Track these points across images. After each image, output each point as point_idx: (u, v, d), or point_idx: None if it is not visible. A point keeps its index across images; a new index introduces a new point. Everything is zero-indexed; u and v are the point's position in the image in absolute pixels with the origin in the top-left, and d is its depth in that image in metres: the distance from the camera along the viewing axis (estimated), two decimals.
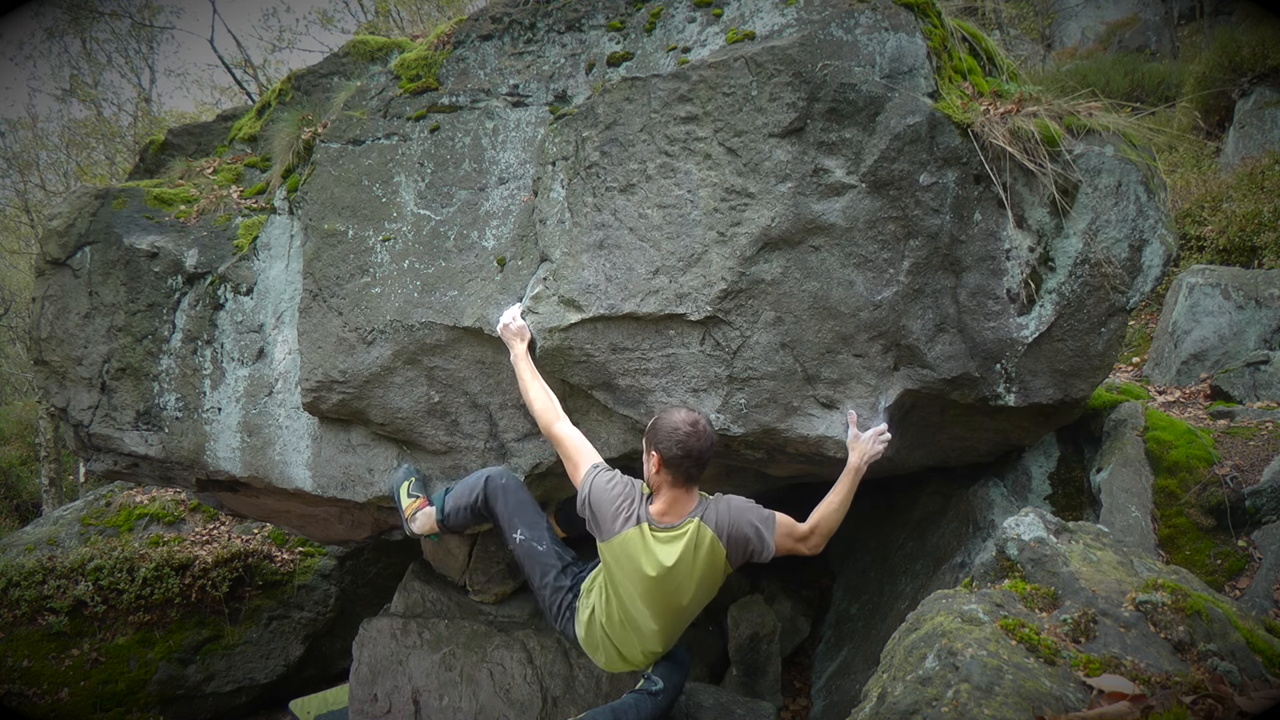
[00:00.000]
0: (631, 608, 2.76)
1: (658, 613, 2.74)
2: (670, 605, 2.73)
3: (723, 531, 2.67)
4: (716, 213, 2.84)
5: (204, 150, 4.21)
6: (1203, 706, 1.43)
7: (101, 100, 14.56)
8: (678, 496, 2.69)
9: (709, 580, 2.74)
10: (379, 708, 3.91)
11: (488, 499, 3.05)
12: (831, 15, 2.78)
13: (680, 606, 2.75)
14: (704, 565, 2.68)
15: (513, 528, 3.03)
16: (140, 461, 3.76)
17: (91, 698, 5.08)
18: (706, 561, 2.68)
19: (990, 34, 5.24)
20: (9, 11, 11.07)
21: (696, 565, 2.67)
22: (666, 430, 2.63)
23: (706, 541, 2.66)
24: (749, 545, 2.70)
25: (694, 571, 2.68)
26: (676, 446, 2.60)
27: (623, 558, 2.70)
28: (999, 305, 2.92)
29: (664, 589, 2.69)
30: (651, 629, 2.78)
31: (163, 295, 3.64)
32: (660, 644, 2.86)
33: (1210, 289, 5.26)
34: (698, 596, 2.76)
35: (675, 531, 2.67)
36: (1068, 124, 2.92)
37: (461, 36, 3.27)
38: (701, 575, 2.70)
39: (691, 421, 2.62)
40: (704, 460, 2.63)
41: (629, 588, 2.73)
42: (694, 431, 2.61)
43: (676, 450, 2.60)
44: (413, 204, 3.23)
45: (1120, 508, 3.24)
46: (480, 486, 3.06)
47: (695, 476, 2.67)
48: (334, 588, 5.70)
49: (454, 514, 3.12)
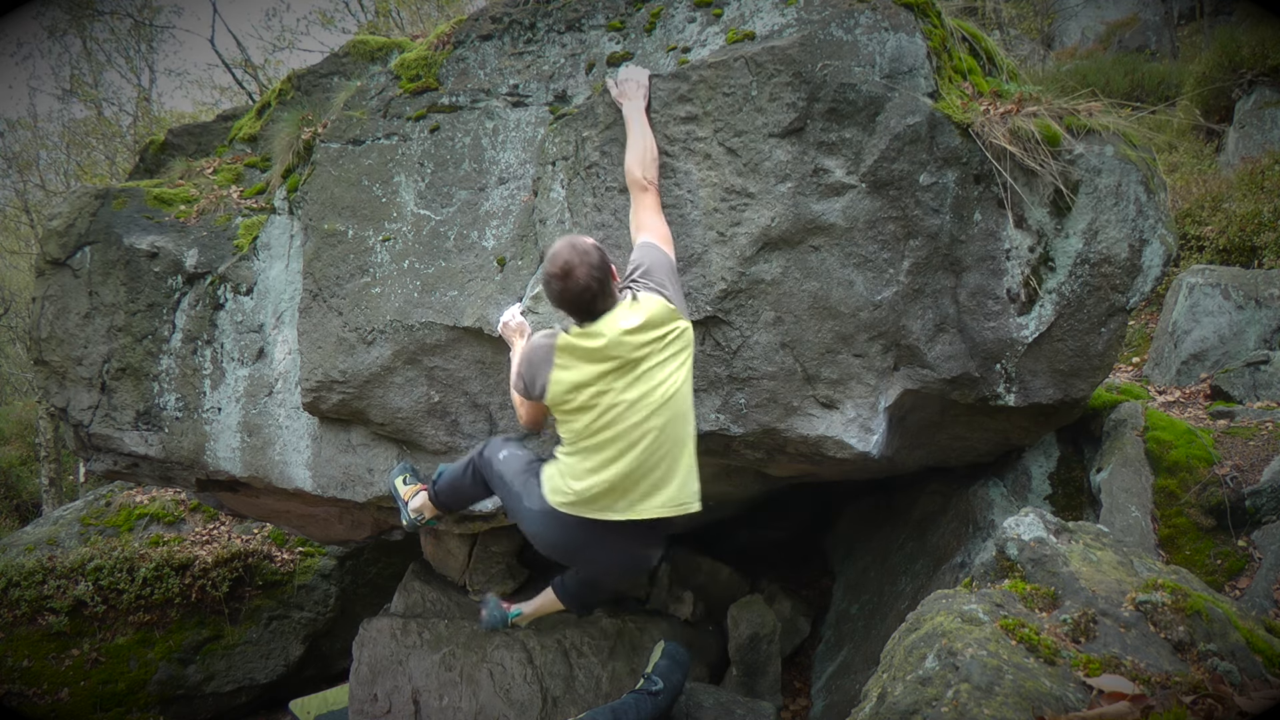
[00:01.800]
0: (614, 414, 2.51)
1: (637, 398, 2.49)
2: (640, 377, 2.49)
3: (649, 288, 2.50)
4: (716, 213, 2.84)
5: (204, 150, 4.21)
6: (1203, 706, 1.43)
7: (101, 100, 14.55)
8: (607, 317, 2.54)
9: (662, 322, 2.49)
10: (379, 708, 3.91)
11: (480, 470, 2.96)
12: (831, 15, 2.78)
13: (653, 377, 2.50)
14: (651, 320, 2.47)
15: (508, 492, 2.88)
16: (140, 461, 3.76)
17: (91, 698, 5.08)
18: (652, 318, 2.47)
19: (990, 34, 5.24)
20: (9, 11, 11.07)
21: (644, 326, 2.46)
22: (544, 276, 2.50)
23: (642, 307, 2.48)
24: (670, 277, 2.55)
25: (643, 330, 2.46)
26: (554, 298, 2.49)
27: (560, 377, 2.54)
28: (999, 305, 2.92)
29: (620, 361, 2.48)
30: (647, 426, 2.51)
31: (163, 295, 3.64)
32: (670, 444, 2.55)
33: (1210, 289, 5.26)
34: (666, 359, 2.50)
35: (598, 320, 2.50)
36: (1068, 124, 2.92)
37: (461, 36, 3.27)
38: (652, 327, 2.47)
39: (561, 263, 2.44)
40: (584, 300, 2.46)
41: (590, 383, 2.51)
42: (562, 275, 2.43)
43: (555, 300, 2.50)
44: (413, 204, 3.23)
45: (1120, 508, 3.24)
46: (469, 462, 3.00)
47: (597, 311, 2.49)
48: (334, 588, 5.70)
49: (444, 488, 3.05)
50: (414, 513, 3.22)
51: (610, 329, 2.49)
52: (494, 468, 2.90)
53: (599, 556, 2.80)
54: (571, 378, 2.54)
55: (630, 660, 3.91)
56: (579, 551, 2.79)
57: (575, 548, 2.77)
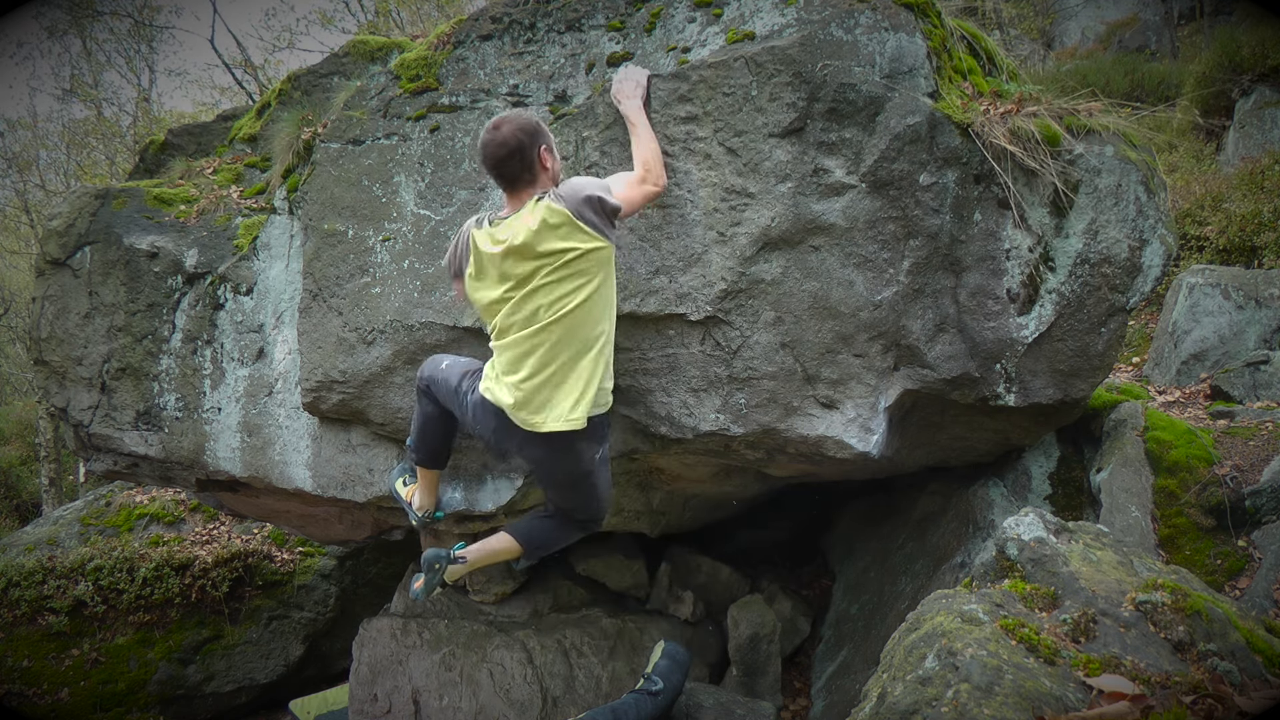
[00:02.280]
0: (512, 321, 2.60)
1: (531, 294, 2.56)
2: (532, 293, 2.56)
3: (560, 198, 2.53)
4: (716, 213, 2.84)
5: (204, 150, 4.21)
6: (1203, 706, 1.43)
7: (101, 100, 14.55)
8: (512, 199, 2.63)
9: (561, 238, 2.51)
10: (379, 708, 3.91)
11: (430, 392, 2.97)
12: (831, 15, 2.78)
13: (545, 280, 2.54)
14: (548, 228, 2.51)
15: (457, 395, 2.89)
16: (140, 461, 3.76)
17: (91, 698, 5.08)
18: (548, 224, 2.50)
19: (990, 34, 5.24)
20: (9, 11, 11.07)
21: (541, 231, 2.51)
22: (479, 149, 2.63)
23: (542, 208, 2.52)
24: (592, 198, 2.53)
25: (539, 239, 2.51)
26: (480, 152, 2.61)
27: (476, 269, 2.64)
28: (999, 305, 2.92)
29: (518, 262, 2.54)
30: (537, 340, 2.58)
31: (163, 295, 3.64)
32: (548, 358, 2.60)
33: (1210, 289, 5.26)
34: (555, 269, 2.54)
35: (510, 217, 2.59)
36: (1068, 124, 2.92)
37: (461, 36, 3.27)
38: (550, 236, 2.51)
39: (495, 120, 2.61)
40: (500, 155, 2.55)
41: (493, 290, 2.61)
42: (486, 143, 2.58)
43: (480, 156, 2.62)
44: (413, 204, 3.23)
45: (1120, 508, 3.24)
46: (418, 397, 3.02)
47: (515, 181, 2.59)
48: (334, 588, 5.70)
49: (415, 441, 3.05)
50: (419, 510, 3.22)
51: (510, 232, 2.55)
52: (438, 380, 2.92)
53: (527, 452, 2.81)
54: (477, 281, 2.67)
55: (630, 660, 3.91)
56: (512, 444, 2.80)
57: (507, 441, 2.79)
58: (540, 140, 2.61)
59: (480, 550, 3.07)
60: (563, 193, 2.54)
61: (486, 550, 3.07)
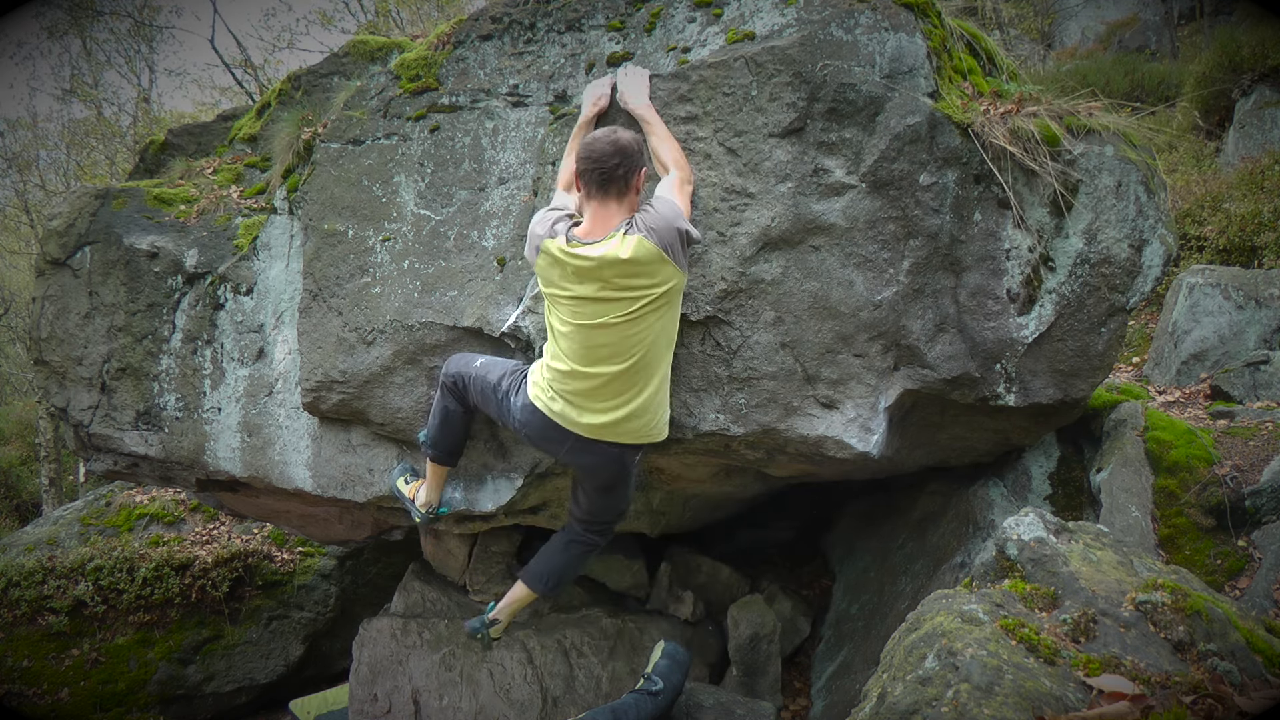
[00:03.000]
0: (576, 337, 2.60)
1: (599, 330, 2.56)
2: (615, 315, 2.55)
3: (652, 231, 2.52)
4: (716, 213, 2.84)
5: (204, 150, 4.21)
6: (1203, 706, 1.43)
7: (101, 100, 14.55)
8: (597, 212, 2.60)
9: (649, 275, 2.53)
10: (379, 708, 3.91)
11: (456, 387, 2.97)
12: (831, 15, 2.78)
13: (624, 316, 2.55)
14: (638, 264, 2.50)
15: (495, 394, 2.90)
16: (140, 461, 3.76)
17: (91, 698, 5.08)
18: (638, 261, 2.50)
19: (990, 34, 5.24)
20: (9, 11, 11.06)
21: (630, 264, 2.50)
22: (581, 147, 2.63)
23: (633, 242, 2.50)
24: (681, 232, 2.56)
25: (625, 272, 2.51)
26: (583, 152, 2.59)
27: (546, 270, 2.63)
28: (999, 305, 2.92)
29: (600, 288, 2.53)
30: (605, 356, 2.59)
31: (163, 295, 3.64)
32: (625, 384, 2.63)
33: (1210, 289, 5.26)
34: (641, 306, 2.55)
35: (596, 243, 2.55)
36: (1068, 124, 2.92)
37: (461, 36, 3.27)
38: (634, 273, 2.52)
39: (605, 132, 2.61)
40: (604, 164, 2.54)
41: (563, 309, 2.62)
42: (599, 139, 2.58)
43: (582, 156, 2.60)
44: (413, 204, 3.23)
45: (1120, 508, 3.24)
46: (440, 392, 3.02)
47: (607, 187, 2.57)
48: (334, 588, 5.70)
49: (436, 434, 3.05)
50: (423, 506, 3.22)
51: (598, 253, 2.53)
52: (473, 378, 2.92)
53: (578, 459, 2.84)
54: (552, 276, 2.64)
55: (630, 660, 3.91)
56: (561, 449, 2.82)
57: (556, 446, 2.81)
58: (643, 162, 2.65)
59: (508, 606, 3.26)
60: (653, 225, 2.53)
61: (512, 602, 3.27)
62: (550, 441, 2.81)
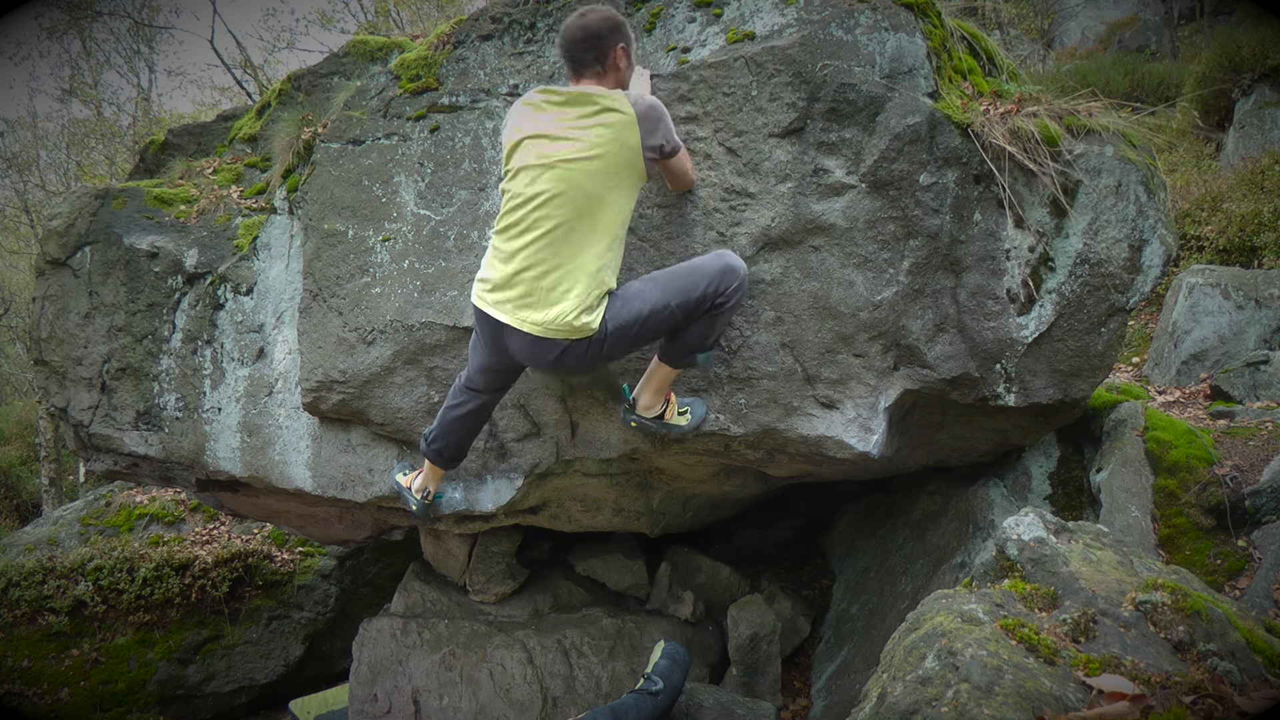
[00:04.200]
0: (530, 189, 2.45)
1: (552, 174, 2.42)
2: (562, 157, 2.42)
3: (639, 100, 2.46)
4: (716, 213, 2.84)
5: (204, 150, 4.21)
6: (1203, 706, 1.43)
7: (101, 100, 14.56)
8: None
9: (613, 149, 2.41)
10: (379, 708, 3.91)
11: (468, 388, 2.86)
12: (831, 15, 2.78)
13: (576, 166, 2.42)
14: (607, 129, 2.41)
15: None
16: (140, 461, 3.76)
17: (91, 698, 5.08)
18: (611, 126, 2.41)
19: (990, 34, 5.24)
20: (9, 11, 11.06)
21: (596, 108, 2.41)
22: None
23: (615, 95, 2.44)
24: (657, 122, 2.48)
25: (592, 113, 2.41)
26: (559, 43, 2.57)
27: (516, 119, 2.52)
28: (999, 305, 2.92)
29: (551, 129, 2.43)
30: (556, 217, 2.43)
31: (163, 295, 3.64)
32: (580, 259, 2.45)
33: (1210, 289, 5.26)
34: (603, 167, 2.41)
35: (575, 90, 2.47)
36: (1068, 124, 2.92)
37: (461, 37, 3.27)
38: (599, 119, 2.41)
39: (575, 15, 2.56)
40: (573, 49, 2.52)
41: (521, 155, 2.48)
42: (569, 23, 2.55)
43: (559, 46, 2.57)
44: (413, 204, 3.23)
45: (1120, 508, 3.24)
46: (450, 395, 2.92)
47: (580, 70, 2.54)
48: (334, 588, 5.70)
49: (436, 434, 2.95)
50: (418, 492, 3.18)
51: (574, 88, 2.49)
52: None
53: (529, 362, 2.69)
54: (520, 122, 2.53)
55: (630, 660, 3.91)
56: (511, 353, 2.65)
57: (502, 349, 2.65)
58: (620, 38, 2.55)
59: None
60: (640, 98, 2.47)
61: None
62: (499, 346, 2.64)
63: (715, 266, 2.58)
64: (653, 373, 2.79)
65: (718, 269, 2.57)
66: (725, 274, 2.57)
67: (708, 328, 2.62)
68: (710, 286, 2.55)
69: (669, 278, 2.58)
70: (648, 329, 2.57)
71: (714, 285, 2.55)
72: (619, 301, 2.54)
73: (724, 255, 2.62)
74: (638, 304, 2.54)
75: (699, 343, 2.65)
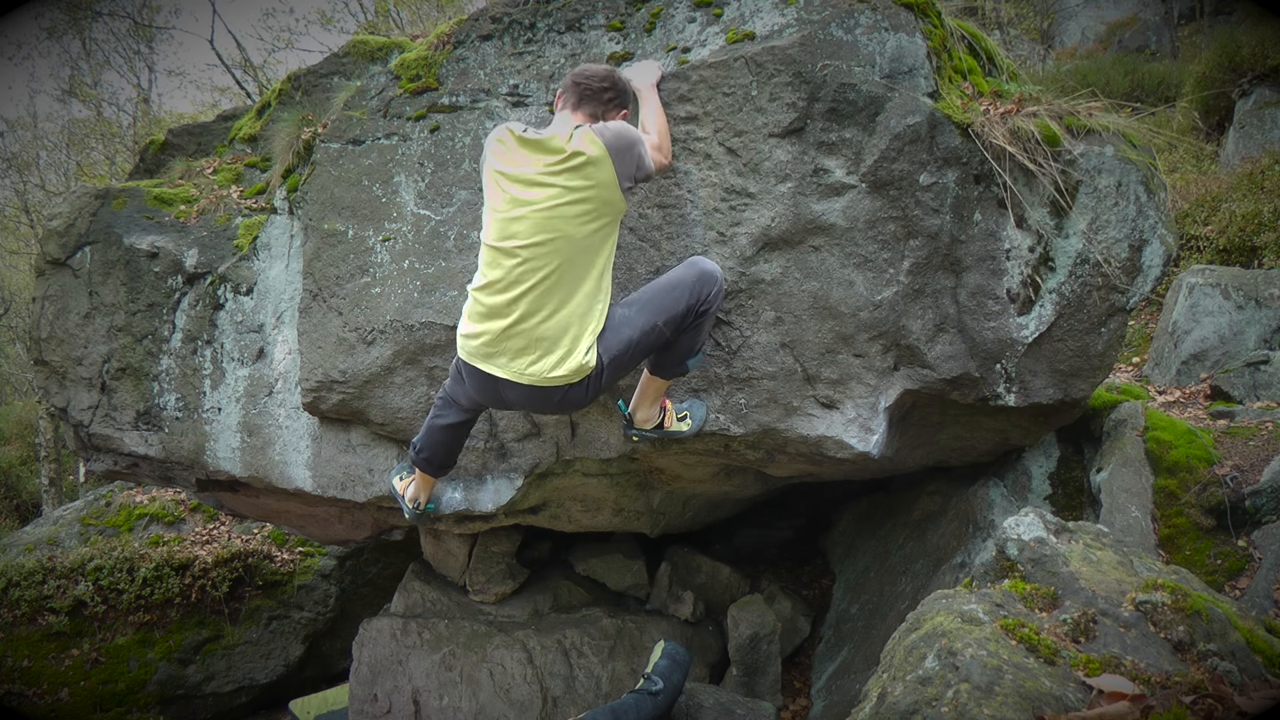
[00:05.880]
0: (511, 243, 2.44)
1: (531, 223, 2.42)
2: (540, 206, 2.42)
3: (605, 130, 2.47)
4: (716, 213, 2.84)
5: (204, 150, 4.21)
6: (1203, 706, 1.43)
7: (101, 100, 14.56)
8: (564, 118, 2.61)
9: (591, 192, 2.43)
10: (379, 708, 3.91)
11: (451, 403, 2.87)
12: (831, 15, 2.78)
13: (556, 212, 2.42)
14: (575, 155, 2.42)
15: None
16: (140, 461, 3.76)
17: (91, 698, 5.08)
18: (581, 149, 2.42)
19: (990, 34, 5.23)
20: (9, 11, 11.06)
21: (573, 162, 2.41)
22: (576, 69, 2.69)
23: (581, 135, 2.44)
24: (630, 149, 2.48)
25: (565, 164, 2.42)
26: (575, 75, 2.65)
27: (491, 155, 2.55)
28: (999, 305, 2.92)
29: (528, 174, 2.44)
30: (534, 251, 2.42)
31: (163, 295, 3.64)
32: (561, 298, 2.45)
33: (1210, 289, 5.26)
34: (579, 205, 2.42)
35: (549, 133, 2.50)
36: (1068, 124, 2.92)
37: (461, 36, 3.27)
38: (572, 167, 2.42)
39: (605, 65, 2.71)
40: (592, 83, 2.59)
41: (495, 194, 2.50)
42: (596, 66, 2.67)
43: (574, 76, 2.65)
44: (413, 204, 3.23)
45: (1120, 508, 3.24)
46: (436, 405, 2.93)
47: (584, 104, 2.60)
48: (334, 588, 5.70)
49: (423, 443, 2.95)
50: (410, 502, 3.21)
51: (545, 134, 2.51)
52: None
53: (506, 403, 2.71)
54: (495, 160, 2.54)
55: (630, 660, 3.91)
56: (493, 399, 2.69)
57: (488, 398, 2.68)
58: (626, 104, 2.68)
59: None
60: (607, 129, 2.47)
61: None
62: (485, 391, 2.66)
63: (691, 277, 2.61)
64: (645, 386, 2.82)
65: (694, 278, 2.60)
66: (703, 282, 2.60)
67: (694, 336, 2.66)
68: (691, 298, 2.58)
69: (649, 298, 2.60)
70: (639, 352, 2.60)
71: (694, 295, 2.59)
72: (607, 332, 2.55)
73: (697, 263, 2.65)
74: (626, 331, 2.55)
75: (688, 351, 2.69)
